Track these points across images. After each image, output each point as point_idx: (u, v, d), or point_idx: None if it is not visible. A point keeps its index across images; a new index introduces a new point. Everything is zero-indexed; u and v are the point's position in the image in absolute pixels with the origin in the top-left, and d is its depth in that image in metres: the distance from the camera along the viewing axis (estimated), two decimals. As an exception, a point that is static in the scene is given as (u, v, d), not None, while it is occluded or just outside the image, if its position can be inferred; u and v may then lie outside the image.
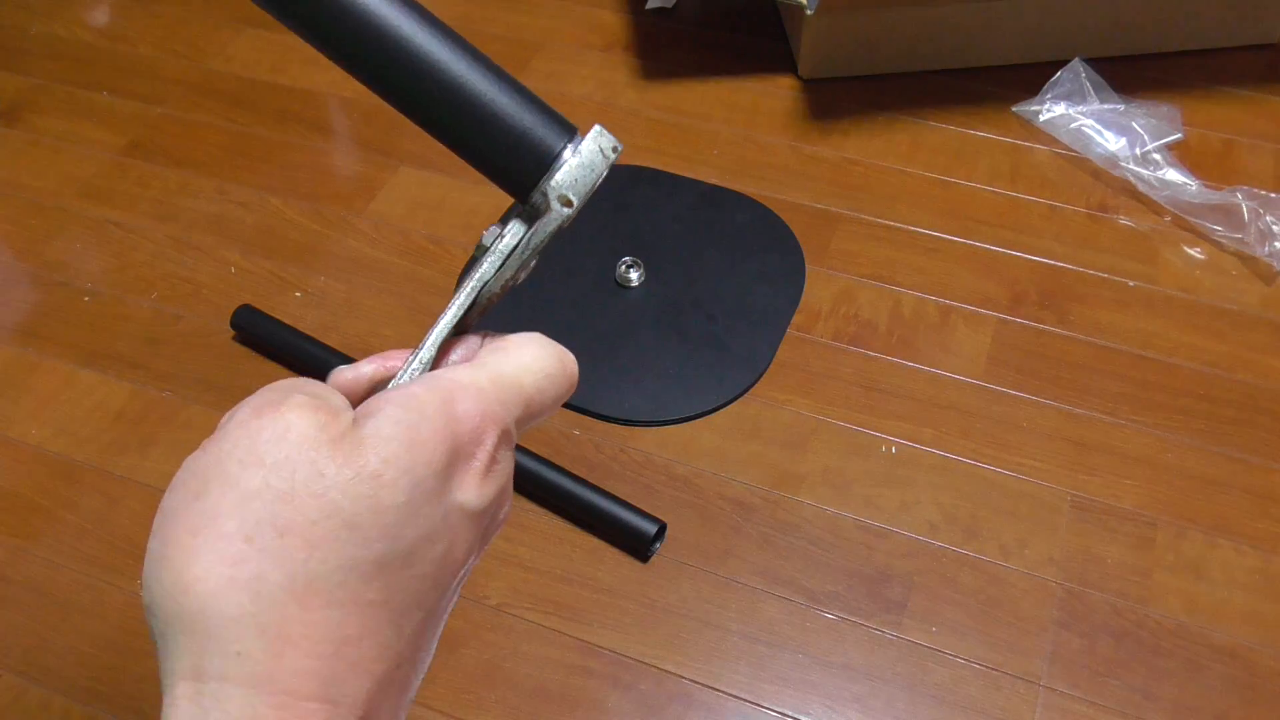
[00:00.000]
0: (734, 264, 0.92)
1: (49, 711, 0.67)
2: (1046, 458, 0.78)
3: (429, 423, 0.25)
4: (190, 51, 1.17)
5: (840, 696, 0.67)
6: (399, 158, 1.03)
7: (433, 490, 0.25)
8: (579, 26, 1.18)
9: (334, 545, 0.24)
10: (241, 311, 0.87)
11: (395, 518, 0.24)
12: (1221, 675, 0.67)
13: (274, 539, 0.24)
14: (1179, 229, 0.94)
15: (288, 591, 0.23)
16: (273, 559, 0.23)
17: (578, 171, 0.31)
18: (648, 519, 0.73)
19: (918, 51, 1.08)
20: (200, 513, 0.25)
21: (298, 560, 0.23)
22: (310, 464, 0.24)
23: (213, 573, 0.23)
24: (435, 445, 0.25)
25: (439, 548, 0.25)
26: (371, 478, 0.24)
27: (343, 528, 0.24)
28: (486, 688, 0.67)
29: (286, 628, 0.23)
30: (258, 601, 0.23)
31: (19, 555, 0.74)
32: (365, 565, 0.24)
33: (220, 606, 0.23)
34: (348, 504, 0.24)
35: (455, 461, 0.26)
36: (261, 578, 0.23)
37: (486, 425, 0.27)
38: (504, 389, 0.28)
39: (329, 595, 0.23)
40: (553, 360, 0.29)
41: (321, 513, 0.24)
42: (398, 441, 0.25)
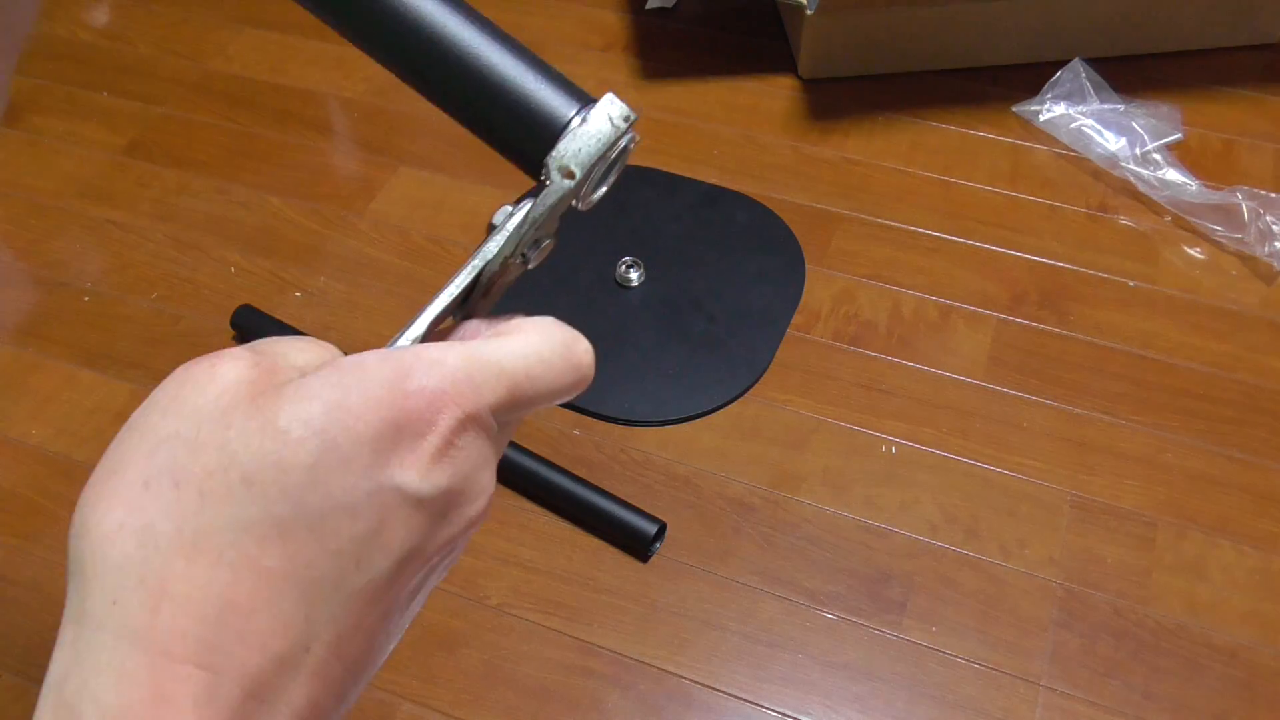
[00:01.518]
0: (734, 264, 0.92)
1: (49, 711, 0.67)
2: (1046, 458, 0.78)
3: (365, 388, 0.23)
4: (190, 51, 1.17)
5: (840, 696, 0.67)
6: (399, 158, 1.03)
7: (353, 460, 0.23)
8: (579, 26, 1.18)
9: (228, 499, 0.22)
10: (241, 311, 0.87)
11: (300, 479, 0.22)
12: (1221, 675, 0.67)
13: (169, 488, 0.22)
14: (1179, 229, 0.94)
15: (175, 544, 0.22)
16: (164, 509, 0.22)
17: (580, 140, 0.29)
18: (648, 519, 0.73)
19: (918, 51, 1.08)
20: (114, 457, 0.24)
21: (189, 512, 0.22)
22: (220, 414, 0.23)
23: (108, 518, 0.23)
24: (366, 413, 0.23)
25: (361, 525, 0.23)
26: (278, 433, 0.22)
27: (239, 482, 0.22)
28: (486, 688, 0.67)
29: (168, 582, 0.22)
30: (142, 551, 0.22)
31: (19, 555, 0.74)
32: (262, 526, 0.22)
33: (106, 552, 0.22)
34: (247, 457, 0.22)
35: (396, 437, 0.23)
36: (150, 527, 0.22)
37: (443, 404, 0.24)
38: (478, 369, 0.25)
39: (218, 553, 0.22)
40: (552, 346, 0.26)
41: (219, 464, 0.22)
42: (320, 401, 0.23)
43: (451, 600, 0.71)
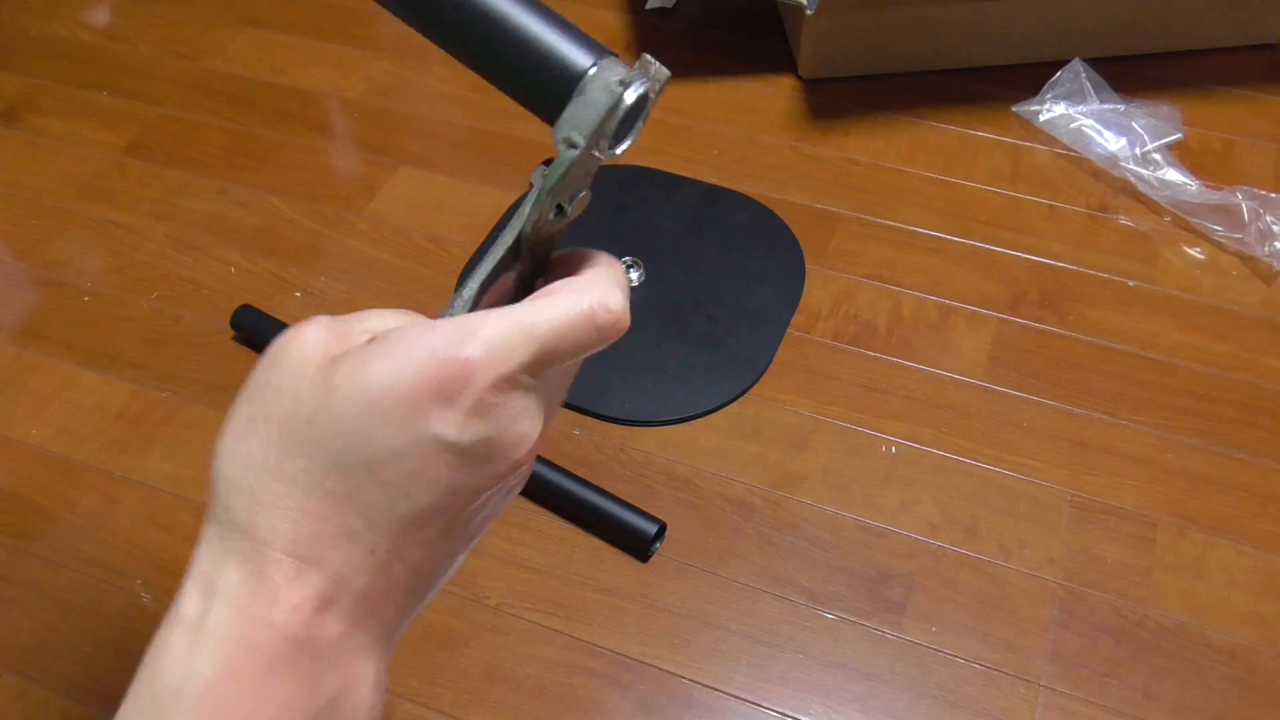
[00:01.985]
0: (734, 264, 0.92)
1: (49, 711, 0.67)
2: (1046, 458, 0.78)
3: (409, 356, 0.28)
4: (190, 51, 1.17)
5: (840, 696, 0.67)
6: (399, 158, 1.03)
7: (392, 415, 0.28)
8: (579, 26, 1.18)
9: (295, 436, 0.29)
10: (241, 311, 0.87)
11: (349, 426, 0.28)
12: (1221, 675, 0.67)
13: (262, 424, 0.29)
14: (1179, 229, 0.94)
15: (263, 466, 0.29)
16: (259, 439, 0.29)
17: (581, 109, 0.30)
18: (648, 519, 0.73)
19: (918, 51, 1.08)
20: (239, 400, 0.31)
21: (272, 442, 0.29)
22: (299, 369, 0.29)
23: (224, 445, 0.30)
24: (405, 376, 0.28)
25: (406, 465, 0.28)
26: (331, 388, 0.29)
27: (304, 423, 0.29)
28: (486, 688, 0.67)
29: (260, 493, 0.29)
30: (245, 470, 0.29)
31: (19, 555, 0.74)
32: (322, 457, 0.28)
33: (222, 469, 0.30)
34: (309, 406, 0.29)
35: (433, 397, 0.28)
36: (249, 453, 0.29)
37: (476, 371, 0.29)
38: (510, 336, 0.29)
39: (293, 475, 0.29)
40: (579, 309, 0.31)
41: (290, 409, 0.29)
42: (372, 366, 0.28)
43: (451, 600, 0.71)
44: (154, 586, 0.72)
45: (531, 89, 0.31)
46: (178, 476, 0.78)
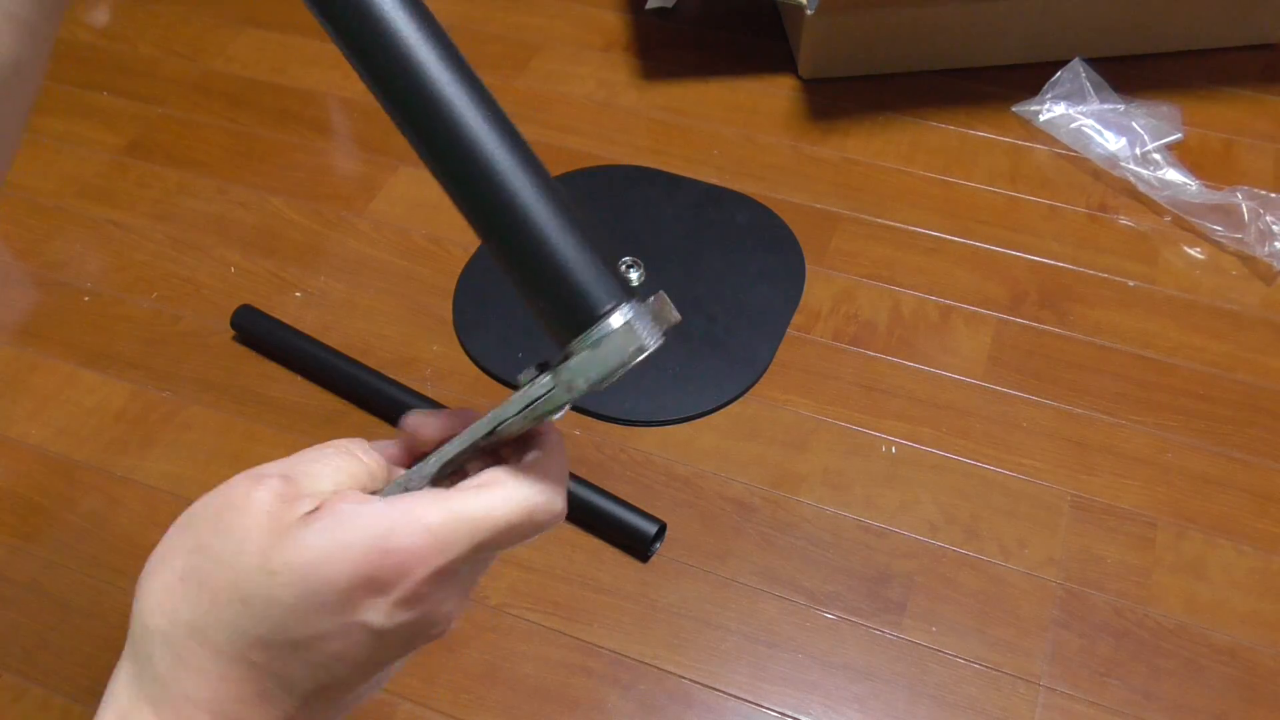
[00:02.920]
0: (734, 264, 0.92)
1: (49, 711, 0.67)
2: (1046, 458, 0.78)
3: (350, 547, 0.29)
4: (190, 51, 1.17)
5: (840, 696, 0.67)
6: (399, 158, 1.03)
7: (329, 603, 0.29)
8: (579, 26, 1.18)
9: (228, 610, 0.29)
10: (241, 311, 0.87)
11: (282, 612, 0.29)
12: (1221, 675, 0.67)
13: (195, 587, 0.30)
14: (1179, 229, 0.94)
15: (190, 628, 0.29)
16: (188, 601, 0.29)
17: (592, 361, 0.31)
18: (648, 519, 0.73)
19: (918, 51, 1.08)
20: (169, 545, 0.31)
21: (202, 609, 0.29)
22: (239, 542, 0.29)
23: (154, 594, 0.30)
24: (345, 567, 0.29)
25: (331, 647, 0.29)
26: (269, 573, 0.29)
27: (239, 601, 0.29)
28: (486, 688, 0.67)
29: (185, 655, 0.29)
30: (171, 627, 0.29)
31: (19, 555, 0.74)
32: (250, 635, 0.29)
33: (147, 619, 0.30)
34: (246, 585, 0.29)
35: (368, 587, 0.29)
36: (177, 610, 0.30)
37: (417, 563, 0.29)
38: (452, 530, 0.30)
39: (218, 644, 0.29)
40: (517, 512, 0.31)
41: (228, 582, 0.29)
42: (312, 551, 0.29)
43: (451, 600, 0.71)
44: (154, 586, 0.72)
45: (543, 305, 0.31)
46: (178, 476, 0.78)
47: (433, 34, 0.31)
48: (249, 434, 0.81)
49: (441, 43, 0.31)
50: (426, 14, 0.31)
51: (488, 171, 0.31)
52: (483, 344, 0.87)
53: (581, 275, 0.31)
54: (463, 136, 0.30)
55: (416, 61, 0.30)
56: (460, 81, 0.31)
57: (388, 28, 0.30)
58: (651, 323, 0.32)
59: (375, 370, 0.83)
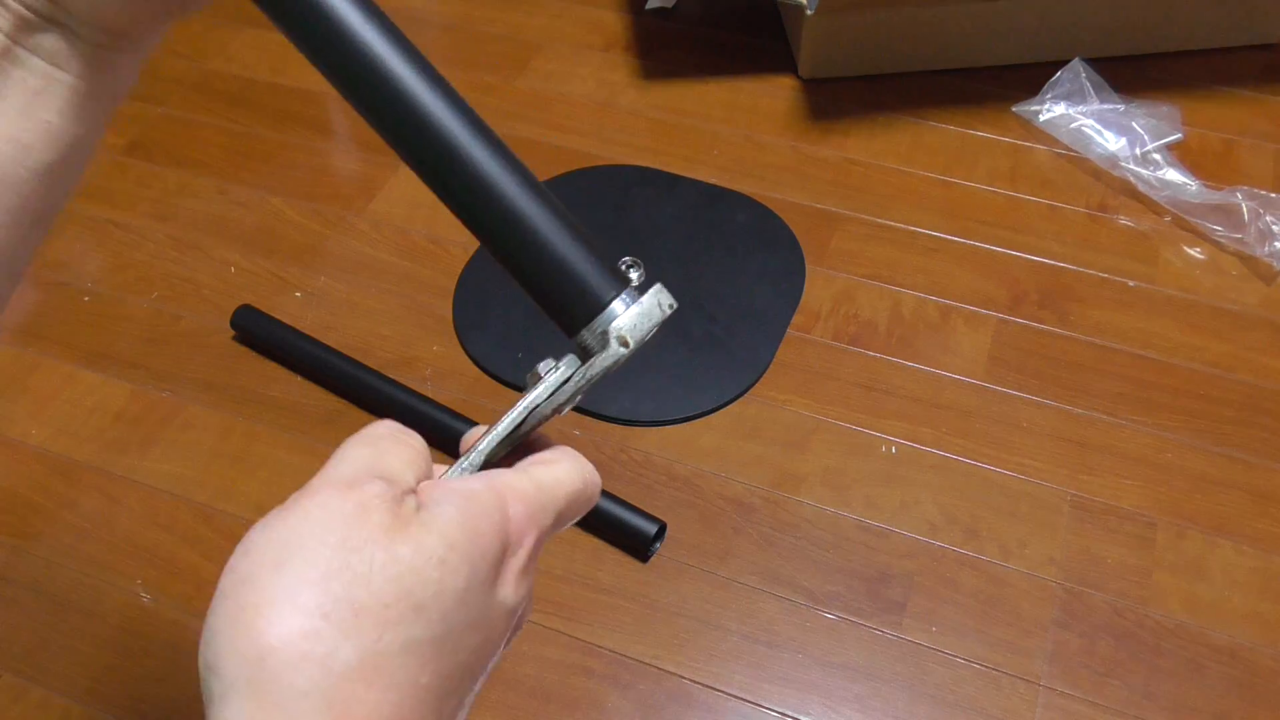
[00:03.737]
0: (734, 264, 0.92)
1: (49, 711, 0.67)
2: (1046, 458, 0.78)
3: (488, 516, 0.28)
4: (190, 51, 1.17)
5: (840, 696, 0.67)
6: (399, 158, 1.03)
7: (485, 580, 0.27)
8: (579, 26, 1.18)
9: (401, 627, 0.25)
10: (241, 311, 0.87)
11: (453, 602, 0.26)
12: (1221, 675, 0.67)
13: (351, 618, 0.24)
14: (1179, 229, 0.94)
15: (357, 670, 0.24)
16: (347, 638, 0.24)
17: (637, 319, 0.34)
18: (648, 519, 0.73)
19: (918, 51, 1.08)
20: (280, 584, 0.25)
21: (369, 640, 0.24)
22: (386, 548, 0.26)
23: (289, 645, 0.24)
24: (491, 537, 0.27)
25: (480, 636, 0.27)
26: (439, 563, 0.26)
27: (411, 610, 0.25)
28: (487, 687, 0.67)
29: (351, 706, 0.24)
30: (328, 677, 0.24)
31: (19, 555, 0.74)
32: (424, 648, 0.25)
33: (292, 678, 0.24)
34: (419, 588, 0.25)
35: (504, 557, 0.28)
36: (333, 655, 0.24)
37: (530, 527, 0.29)
38: (545, 496, 0.30)
39: (391, 676, 0.25)
40: (581, 478, 0.32)
41: (395, 595, 0.25)
42: (461, 528, 0.27)
43: (451, 600, 0.71)
44: (154, 586, 0.72)
45: (544, 304, 0.34)
46: (178, 476, 0.78)
47: (405, 52, 0.34)
48: (249, 434, 0.81)
49: (418, 63, 0.34)
50: (392, 29, 0.34)
51: (484, 186, 0.33)
52: (483, 344, 0.87)
53: (589, 267, 0.34)
54: (453, 153, 0.34)
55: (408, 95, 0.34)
56: (439, 97, 0.34)
57: (359, 49, 0.34)
58: (642, 313, 0.35)
59: (375, 370, 0.83)
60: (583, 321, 0.34)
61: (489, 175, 0.33)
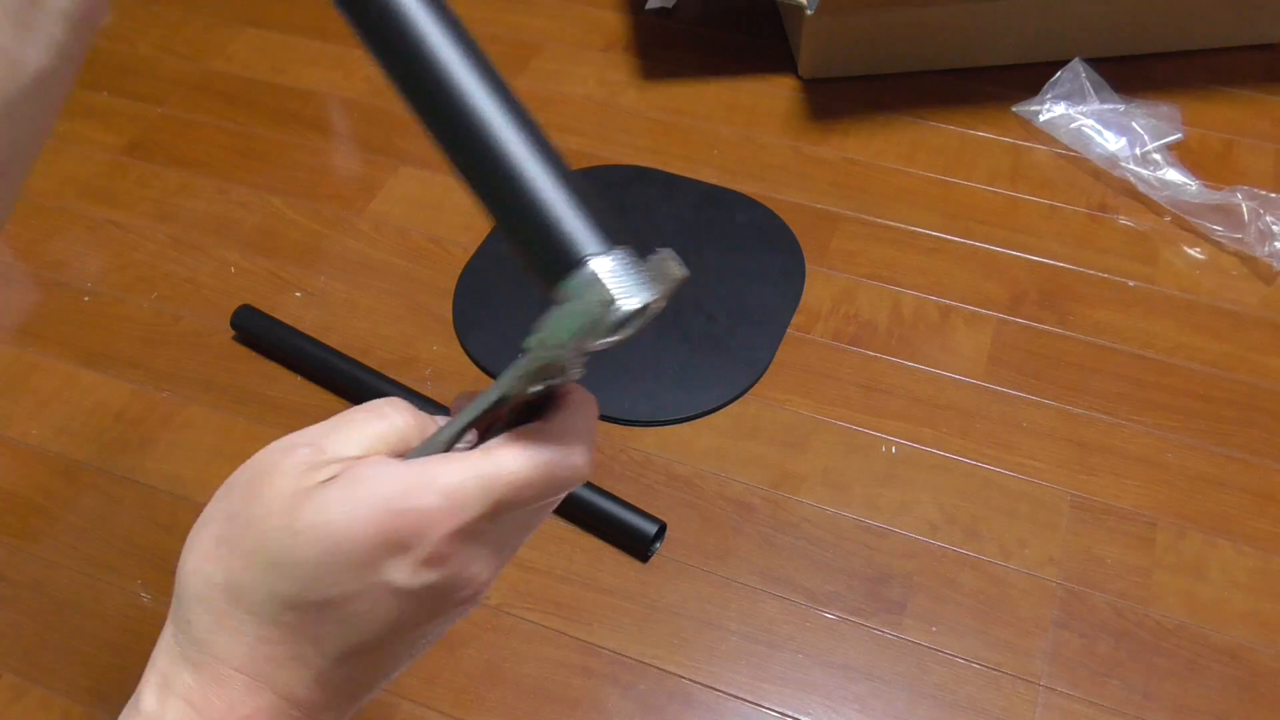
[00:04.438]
0: (734, 264, 0.92)
1: (49, 711, 0.67)
2: (1046, 458, 0.78)
3: (368, 503, 0.30)
4: (190, 51, 1.17)
5: (840, 696, 0.67)
6: (399, 158, 1.03)
7: (350, 560, 0.29)
8: (579, 26, 1.18)
9: (259, 573, 0.30)
10: (241, 311, 0.87)
11: (307, 570, 0.30)
12: (1221, 675, 0.67)
13: (227, 551, 0.31)
14: (1179, 229, 0.94)
15: (225, 590, 0.30)
16: (222, 565, 0.31)
17: (561, 317, 0.29)
18: (648, 519, 0.73)
19: (918, 51, 1.08)
20: (207, 513, 0.32)
21: (235, 572, 0.30)
22: (265, 506, 0.30)
23: (192, 560, 0.31)
24: (364, 525, 0.29)
25: (358, 605, 0.30)
26: (293, 533, 0.30)
27: (266, 562, 0.30)
28: (486, 688, 0.67)
29: (222, 617, 0.30)
30: (207, 589, 0.31)
31: (19, 555, 0.74)
32: (280, 595, 0.30)
33: (187, 583, 0.31)
34: (273, 547, 0.30)
35: (391, 545, 0.30)
36: (212, 574, 0.31)
37: (430, 524, 0.30)
38: (469, 487, 0.30)
39: (250, 604, 0.30)
40: (533, 467, 0.31)
41: (257, 544, 0.30)
42: (331, 512, 0.30)
43: (451, 600, 0.71)
44: (154, 586, 0.72)
45: (528, 254, 0.30)
46: (178, 476, 0.78)
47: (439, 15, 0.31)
48: (249, 434, 0.81)
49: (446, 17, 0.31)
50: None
51: (474, 116, 0.30)
52: (483, 344, 0.87)
53: (562, 218, 0.29)
54: (452, 86, 0.31)
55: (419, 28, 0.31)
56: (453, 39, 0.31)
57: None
58: (639, 275, 0.29)
59: (375, 370, 0.83)
60: (555, 275, 0.29)
61: (479, 107, 0.30)
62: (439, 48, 0.31)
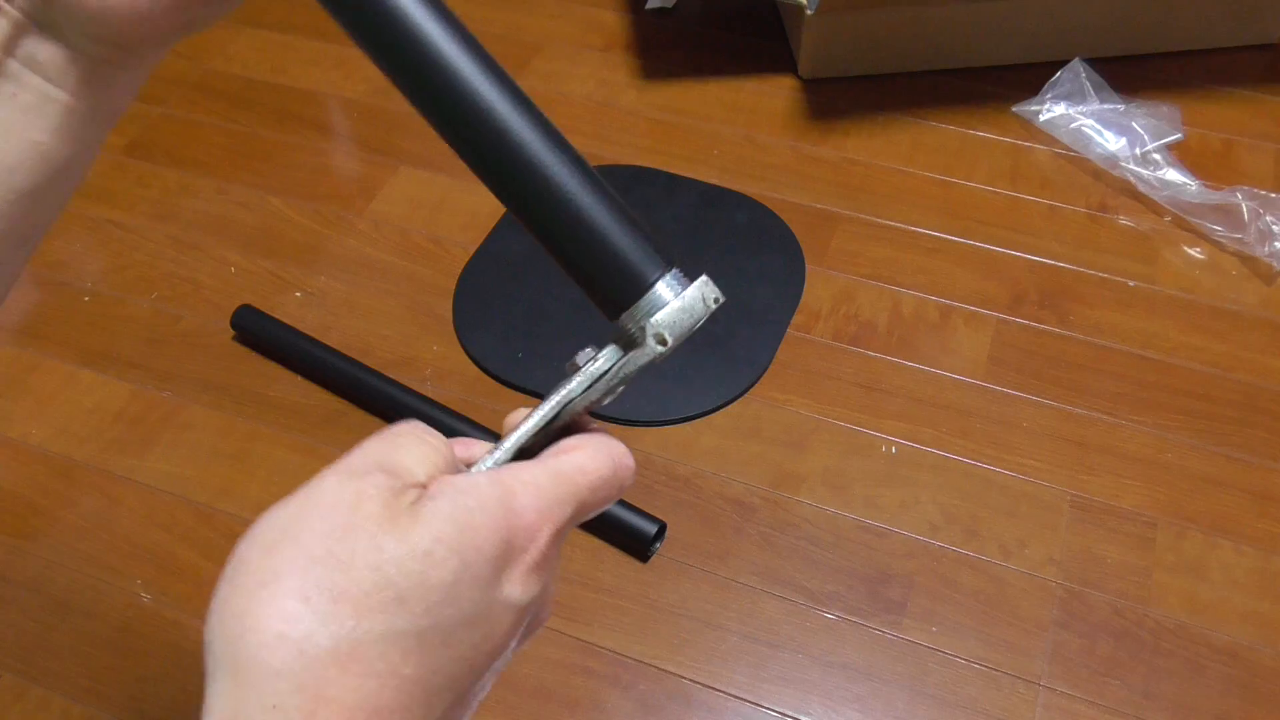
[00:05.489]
0: (734, 264, 0.92)
1: (49, 711, 0.67)
2: (1046, 458, 0.78)
3: (485, 511, 0.27)
4: (190, 51, 1.17)
5: (840, 696, 0.67)
6: (399, 158, 1.03)
7: (481, 576, 0.26)
8: (579, 26, 1.18)
9: (381, 616, 0.25)
10: (241, 311, 0.87)
11: (440, 596, 0.26)
12: (1221, 675, 0.67)
13: (328, 604, 0.25)
14: (1179, 229, 0.94)
15: (331, 655, 0.24)
16: (323, 622, 0.25)
17: (678, 314, 0.32)
18: (648, 519, 0.73)
19: (918, 51, 1.08)
20: (268, 568, 0.26)
21: (346, 627, 0.25)
22: (371, 537, 0.26)
23: (267, 626, 0.25)
24: (488, 533, 0.27)
25: (479, 633, 0.27)
26: (423, 555, 0.26)
27: (393, 601, 0.25)
28: (486, 688, 0.67)
29: (324, 689, 0.24)
30: (302, 660, 0.24)
31: (19, 555, 0.74)
32: (407, 639, 0.25)
33: (267, 659, 0.24)
34: (400, 579, 0.25)
35: (508, 554, 0.27)
36: (309, 638, 0.24)
37: (542, 522, 0.28)
38: (561, 487, 0.29)
39: (369, 664, 0.25)
40: (607, 464, 0.31)
41: (375, 584, 0.25)
42: (452, 523, 0.26)
43: (451, 600, 0.71)
44: (154, 586, 0.72)
45: (598, 284, 0.32)
46: (178, 476, 0.78)
47: (457, 33, 0.32)
48: (249, 434, 0.81)
49: (469, 43, 0.32)
50: (445, 11, 0.32)
51: (524, 158, 0.32)
52: (483, 344, 0.87)
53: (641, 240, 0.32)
54: (501, 132, 0.32)
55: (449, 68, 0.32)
56: (492, 80, 0.33)
57: (412, 31, 0.31)
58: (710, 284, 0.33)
59: (375, 370, 0.83)
60: (624, 304, 0.32)
61: (529, 146, 0.32)
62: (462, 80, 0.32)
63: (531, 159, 0.32)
